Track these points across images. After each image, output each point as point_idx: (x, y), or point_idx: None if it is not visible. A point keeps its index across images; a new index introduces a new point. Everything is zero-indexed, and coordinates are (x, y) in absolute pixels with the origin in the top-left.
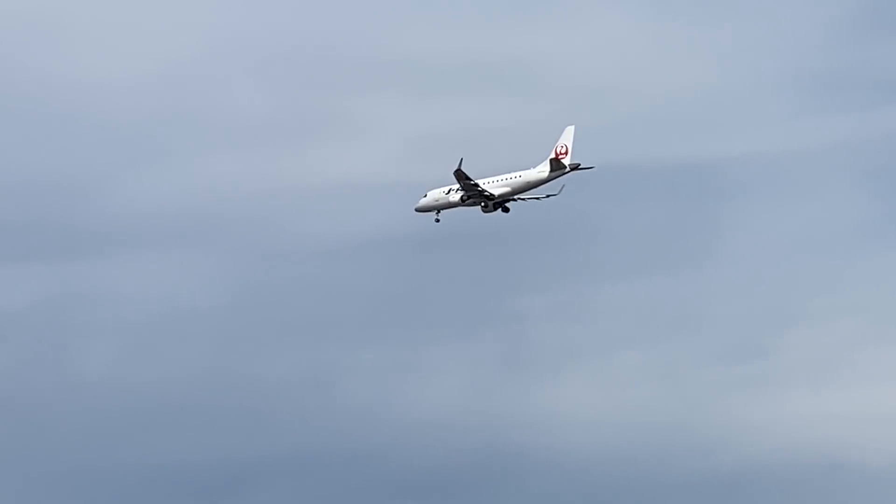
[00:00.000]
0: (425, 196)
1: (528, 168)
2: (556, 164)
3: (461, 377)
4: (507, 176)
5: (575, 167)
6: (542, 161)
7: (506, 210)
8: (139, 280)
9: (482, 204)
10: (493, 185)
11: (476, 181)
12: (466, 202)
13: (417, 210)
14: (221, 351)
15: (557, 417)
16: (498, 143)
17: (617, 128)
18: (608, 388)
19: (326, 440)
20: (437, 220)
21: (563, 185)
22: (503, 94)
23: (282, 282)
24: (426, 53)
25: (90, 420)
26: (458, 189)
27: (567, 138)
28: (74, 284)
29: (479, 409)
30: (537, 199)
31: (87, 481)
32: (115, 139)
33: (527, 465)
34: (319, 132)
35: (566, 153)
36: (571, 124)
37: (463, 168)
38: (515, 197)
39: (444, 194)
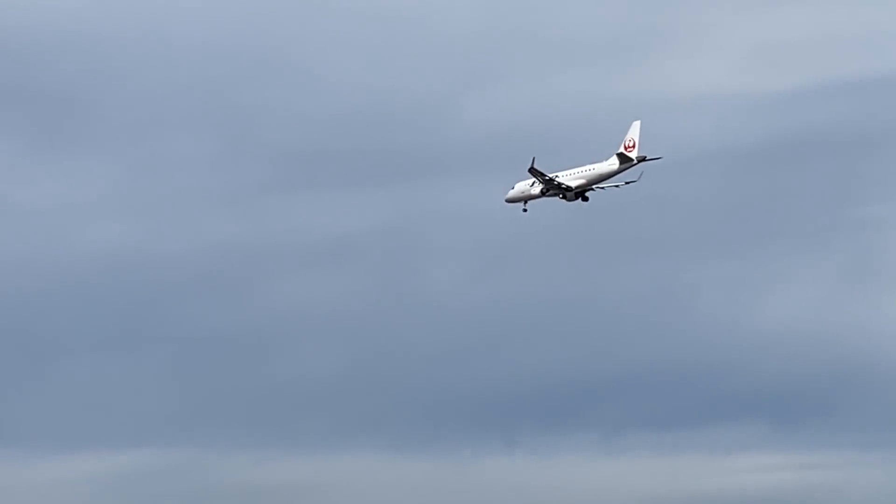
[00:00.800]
0: (513, 188)
1: (600, 161)
2: (624, 158)
3: (811, 288)
4: (582, 169)
5: (641, 159)
6: (612, 155)
7: (585, 199)
8: (484, 201)
9: (560, 195)
10: (570, 178)
11: (551, 176)
12: (547, 194)
13: (507, 201)
14: (565, 269)
15: None
16: (842, 50)
17: None
18: None
19: (679, 355)
20: (525, 210)
21: (642, 172)
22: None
23: (626, 198)
24: None
25: (438, 340)
26: (538, 182)
27: (634, 133)
28: (421, 207)
29: (831, 320)
30: (617, 186)
31: (434, 401)
32: (454, 62)
33: (878, 377)
34: (660, 46)
35: (633, 146)
36: (637, 119)
37: (536, 166)
38: (594, 186)
39: (528, 187)
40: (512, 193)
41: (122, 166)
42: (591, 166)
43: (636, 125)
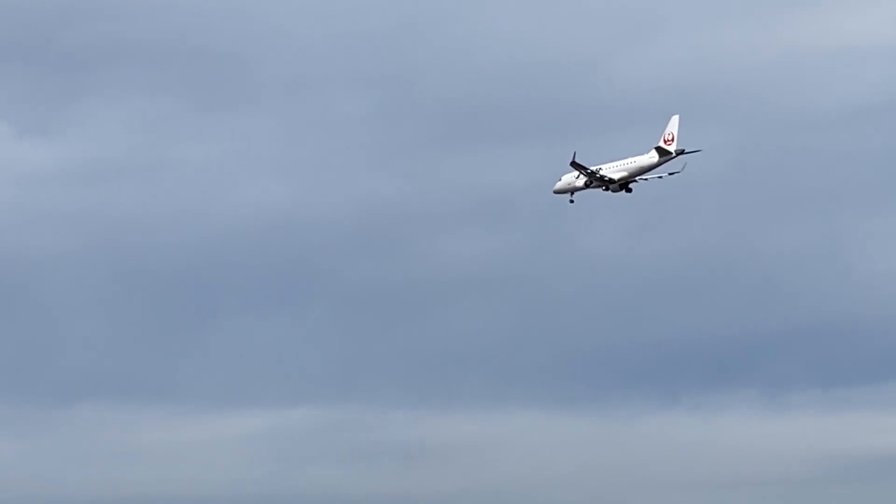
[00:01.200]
0: (559, 180)
1: (641, 154)
2: (663, 151)
3: None
4: (624, 162)
5: (680, 152)
6: (651, 148)
7: (629, 190)
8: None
9: (604, 187)
10: (612, 170)
11: (593, 169)
12: (590, 186)
13: (554, 192)
14: (727, 224)
15: None
16: None
17: None
18: None
19: (843, 310)
20: (572, 202)
21: (686, 164)
22: None
23: (785, 152)
24: None
25: (598, 297)
26: (582, 175)
27: (673, 126)
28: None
29: None
30: (660, 177)
31: (595, 358)
32: (611, 17)
33: None
34: None
35: (672, 140)
36: (676, 114)
37: (577, 160)
38: (637, 178)
39: (574, 179)
40: (559, 185)
41: (283, 124)
42: (632, 159)
43: (675, 119)
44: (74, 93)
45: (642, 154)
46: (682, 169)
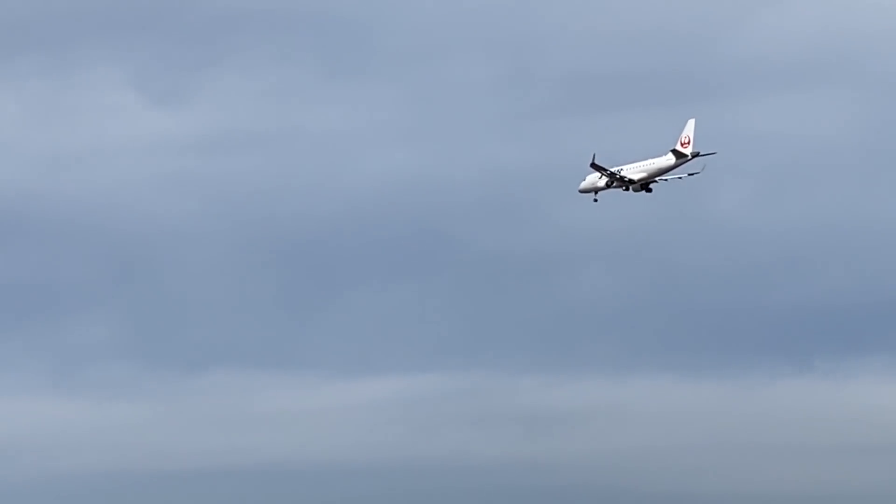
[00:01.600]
0: (584, 180)
1: (659, 156)
2: (679, 154)
3: None
4: (643, 163)
5: (696, 154)
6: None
7: (649, 190)
8: (772, 122)
9: (623, 187)
10: (633, 171)
11: (613, 170)
12: (611, 186)
13: (580, 191)
14: (859, 189)
15: None
16: None
17: None
18: None
19: None
20: (595, 201)
21: (705, 165)
22: None
23: None
24: None
25: (729, 262)
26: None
27: (689, 130)
28: (707, 128)
29: None
30: (680, 178)
31: (727, 324)
32: None
33: None
34: None
35: (689, 143)
36: (692, 118)
37: (596, 161)
38: (657, 179)
39: (597, 179)
40: (583, 185)
41: (408, 91)
42: (651, 161)
43: (691, 123)
44: (204, 62)
45: (661, 156)
46: (702, 170)
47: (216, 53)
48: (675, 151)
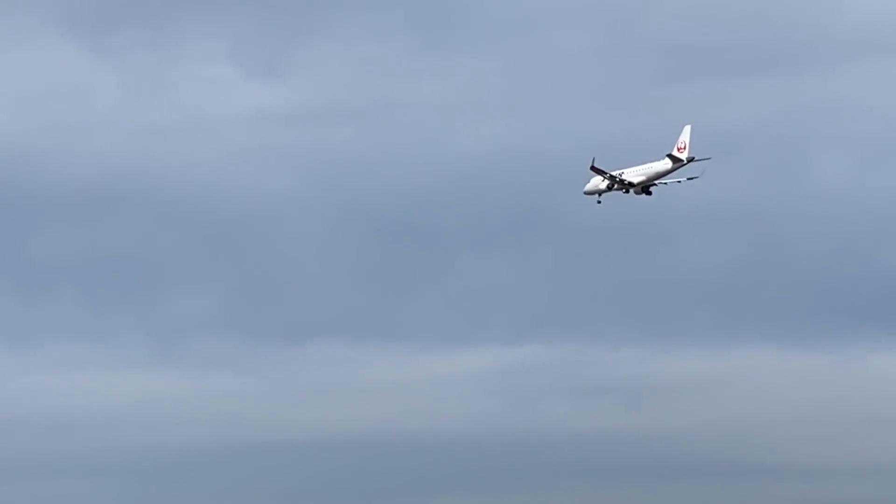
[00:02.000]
0: (589, 183)
1: (657, 160)
2: (675, 158)
3: None
4: (643, 167)
5: (690, 159)
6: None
7: (649, 193)
8: (870, 91)
9: (624, 190)
10: (633, 175)
11: (613, 173)
12: (613, 188)
13: (585, 193)
14: None
15: None
16: None
17: None
18: None
19: None
20: (599, 202)
21: (704, 170)
22: None
23: None
24: None
25: (830, 232)
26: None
27: (685, 136)
28: (807, 97)
29: None
30: (679, 182)
31: (827, 294)
32: None
33: None
34: None
35: (684, 148)
36: (688, 124)
37: (596, 164)
38: (656, 182)
39: (600, 181)
40: (588, 187)
41: (505, 63)
42: (649, 165)
43: (687, 129)
44: (303, 34)
45: (659, 160)
46: (702, 174)
47: (313, 26)
48: (671, 156)
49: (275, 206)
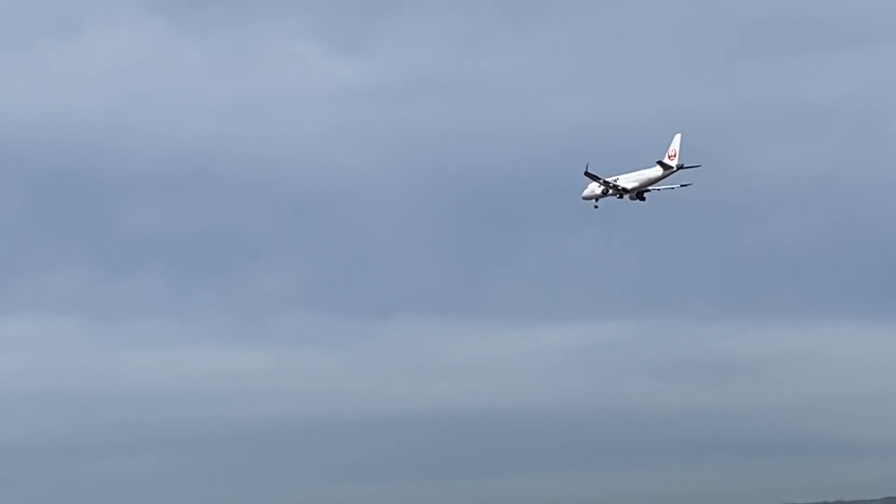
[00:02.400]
0: (586, 188)
1: (649, 168)
2: (665, 165)
3: None
4: (636, 174)
5: (680, 167)
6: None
7: (642, 199)
8: None
9: (618, 195)
10: (627, 181)
11: (607, 179)
12: (607, 194)
13: (582, 198)
14: None
15: None
16: None
17: None
18: None
19: None
20: (596, 207)
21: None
22: None
23: None
24: None
25: None
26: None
27: (675, 144)
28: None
29: None
30: (672, 188)
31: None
32: None
33: None
34: None
35: (675, 156)
36: (678, 132)
37: (590, 170)
38: (650, 188)
39: (596, 187)
40: (585, 192)
41: (590, 37)
42: (642, 172)
43: (677, 137)
44: (386, 10)
45: (650, 168)
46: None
47: (396, 2)
48: (661, 163)
49: (358, 182)
